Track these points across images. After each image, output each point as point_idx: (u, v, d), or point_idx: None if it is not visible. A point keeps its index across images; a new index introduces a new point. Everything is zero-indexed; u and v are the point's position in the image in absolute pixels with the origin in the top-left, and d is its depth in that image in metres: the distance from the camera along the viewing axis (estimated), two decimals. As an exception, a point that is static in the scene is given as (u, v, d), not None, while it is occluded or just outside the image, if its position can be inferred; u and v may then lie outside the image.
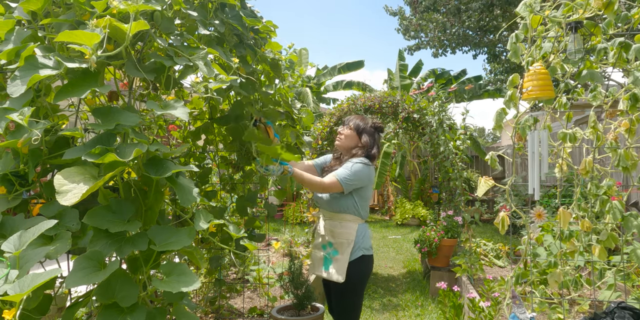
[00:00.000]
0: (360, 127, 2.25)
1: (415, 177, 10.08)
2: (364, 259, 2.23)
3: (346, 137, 2.27)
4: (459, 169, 4.67)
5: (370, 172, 2.23)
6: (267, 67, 2.36)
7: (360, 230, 2.25)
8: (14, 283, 0.99)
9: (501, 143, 21.00)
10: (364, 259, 2.23)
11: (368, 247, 2.28)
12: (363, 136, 2.25)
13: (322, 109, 12.42)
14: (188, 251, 1.54)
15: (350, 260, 2.20)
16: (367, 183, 2.25)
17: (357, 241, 2.23)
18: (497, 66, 11.55)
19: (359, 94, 5.40)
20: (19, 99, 1.21)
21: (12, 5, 1.43)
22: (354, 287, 2.23)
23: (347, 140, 2.26)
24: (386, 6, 12.47)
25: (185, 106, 1.40)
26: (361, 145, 2.26)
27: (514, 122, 2.20)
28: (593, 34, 2.04)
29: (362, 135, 2.25)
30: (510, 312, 2.08)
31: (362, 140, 2.25)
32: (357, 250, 2.22)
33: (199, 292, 3.32)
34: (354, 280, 2.20)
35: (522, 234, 5.22)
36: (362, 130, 2.25)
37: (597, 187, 2.20)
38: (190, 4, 1.74)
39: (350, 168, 2.16)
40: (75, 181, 1.13)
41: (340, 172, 2.16)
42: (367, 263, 2.26)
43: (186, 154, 2.58)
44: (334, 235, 2.25)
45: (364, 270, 2.24)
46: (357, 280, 2.21)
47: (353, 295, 2.24)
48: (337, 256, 2.22)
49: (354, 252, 2.21)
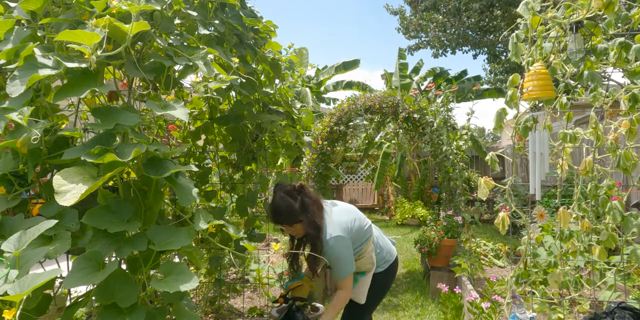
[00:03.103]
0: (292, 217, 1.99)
1: (415, 177, 10.07)
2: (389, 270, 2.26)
3: (295, 231, 2.06)
4: (460, 169, 4.66)
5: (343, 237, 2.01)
6: (267, 67, 2.36)
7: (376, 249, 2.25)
8: (14, 283, 0.99)
9: (501, 143, 20.99)
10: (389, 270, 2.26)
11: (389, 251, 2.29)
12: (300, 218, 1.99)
13: (322, 109, 12.41)
14: (188, 251, 1.54)
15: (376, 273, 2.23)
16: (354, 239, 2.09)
17: (379, 257, 2.24)
18: (497, 66, 11.55)
19: (359, 94, 5.40)
20: (19, 98, 1.21)
21: (12, 5, 1.43)
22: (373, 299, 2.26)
23: (298, 232, 2.05)
24: (387, 5, 12.48)
25: (185, 106, 1.40)
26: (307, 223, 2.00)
27: (514, 122, 2.19)
28: (593, 34, 2.04)
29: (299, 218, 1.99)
30: (510, 312, 2.08)
31: (304, 222, 1.99)
32: (382, 264, 2.24)
33: (199, 292, 3.32)
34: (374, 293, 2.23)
35: (522, 234, 5.22)
36: (295, 216, 1.99)
37: (597, 188, 2.19)
38: (190, 3, 1.74)
39: (338, 260, 2.00)
40: (75, 181, 1.13)
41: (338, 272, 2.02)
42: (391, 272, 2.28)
43: (186, 154, 2.58)
44: (359, 267, 2.21)
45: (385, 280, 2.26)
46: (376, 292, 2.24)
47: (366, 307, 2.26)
48: (364, 278, 2.22)
49: (379, 266, 2.24)
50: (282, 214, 1.98)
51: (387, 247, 2.31)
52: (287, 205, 1.97)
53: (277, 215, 2.00)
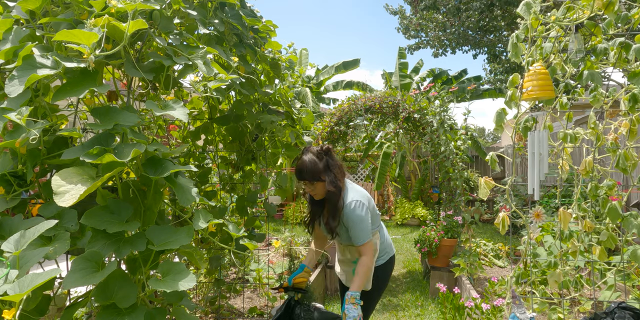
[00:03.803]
0: (315, 174, 2.09)
1: (415, 177, 10.07)
2: (387, 264, 2.32)
3: (315, 190, 2.15)
4: (460, 169, 4.66)
5: (364, 204, 2.11)
6: (267, 67, 2.35)
7: (381, 238, 2.31)
8: (13, 283, 0.99)
9: (501, 143, 20.99)
10: (387, 264, 2.32)
11: (389, 245, 2.35)
12: (323, 177, 2.11)
13: (322, 109, 12.41)
14: (187, 252, 1.54)
15: (376, 266, 2.27)
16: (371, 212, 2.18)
17: (381, 248, 2.30)
18: (497, 66, 11.55)
19: (360, 94, 5.39)
20: (17, 98, 1.21)
21: (10, 4, 1.43)
22: (373, 292, 2.28)
23: (318, 191, 2.14)
24: (387, 5, 12.48)
25: (184, 106, 1.39)
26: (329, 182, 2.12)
27: (514, 122, 2.19)
28: (593, 34, 2.03)
29: (322, 176, 2.10)
30: (510, 312, 2.08)
31: (326, 181, 2.10)
32: (383, 255, 2.30)
33: (199, 292, 3.32)
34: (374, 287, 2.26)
35: (522, 234, 5.22)
36: (318, 173, 2.10)
37: (597, 188, 2.19)
38: (189, 3, 1.74)
39: (358, 224, 2.07)
40: (73, 182, 1.13)
41: (357, 234, 2.07)
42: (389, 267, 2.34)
43: (186, 154, 2.58)
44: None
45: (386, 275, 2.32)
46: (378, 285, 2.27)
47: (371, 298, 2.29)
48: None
49: (380, 258, 2.29)
50: (306, 170, 2.10)
51: (388, 241, 2.38)
52: (312, 163, 2.10)
53: (302, 171, 2.12)
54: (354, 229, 2.08)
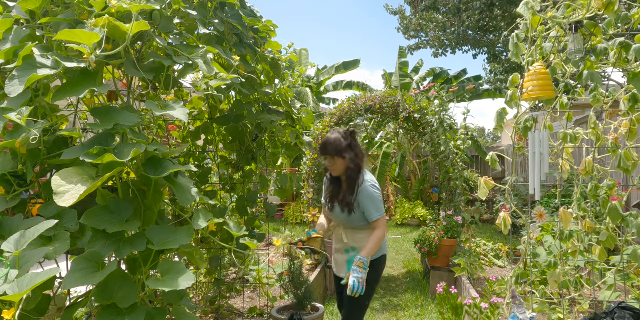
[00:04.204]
0: (338, 149, 2.26)
1: (415, 177, 10.07)
2: (381, 259, 2.36)
3: (335, 166, 2.30)
4: (460, 169, 4.66)
5: (378, 186, 2.31)
6: (267, 67, 2.35)
7: None
8: (13, 283, 0.99)
9: (501, 143, 20.99)
10: (381, 259, 2.36)
11: (384, 246, 2.39)
12: (344, 154, 2.27)
13: (322, 109, 12.40)
14: (187, 251, 1.54)
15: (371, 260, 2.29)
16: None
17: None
18: (497, 66, 11.55)
19: (360, 94, 5.39)
20: (17, 98, 1.21)
21: (11, 4, 1.43)
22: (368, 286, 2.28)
23: (338, 167, 2.29)
24: (387, 5, 12.48)
25: (184, 106, 1.39)
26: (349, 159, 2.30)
27: (515, 122, 2.19)
28: (593, 34, 2.03)
29: (343, 153, 2.27)
30: (510, 312, 2.08)
31: (347, 159, 2.27)
32: (377, 251, 2.32)
33: (199, 292, 3.32)
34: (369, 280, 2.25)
35: (522, 234, 5.21)
36: (341, 150, 2.26)
37: (597, 188, 2.19)
38: (189, 3, 1.74)
39: (374, 201, 2.24)
40: (73, 182, 1.13)
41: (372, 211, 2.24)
42: (383, 263, 2.39)
43: (186, 154, 2.58)
44: (355, 241, 2.33)
45: (379, 269, 2.37)
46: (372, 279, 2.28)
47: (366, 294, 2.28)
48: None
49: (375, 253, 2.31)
50: (330, 145, 2.27)
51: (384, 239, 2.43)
52: (337, 140, 2.28)
53: (327, 145, 2.29)
54: (370, 206, 2.23)
